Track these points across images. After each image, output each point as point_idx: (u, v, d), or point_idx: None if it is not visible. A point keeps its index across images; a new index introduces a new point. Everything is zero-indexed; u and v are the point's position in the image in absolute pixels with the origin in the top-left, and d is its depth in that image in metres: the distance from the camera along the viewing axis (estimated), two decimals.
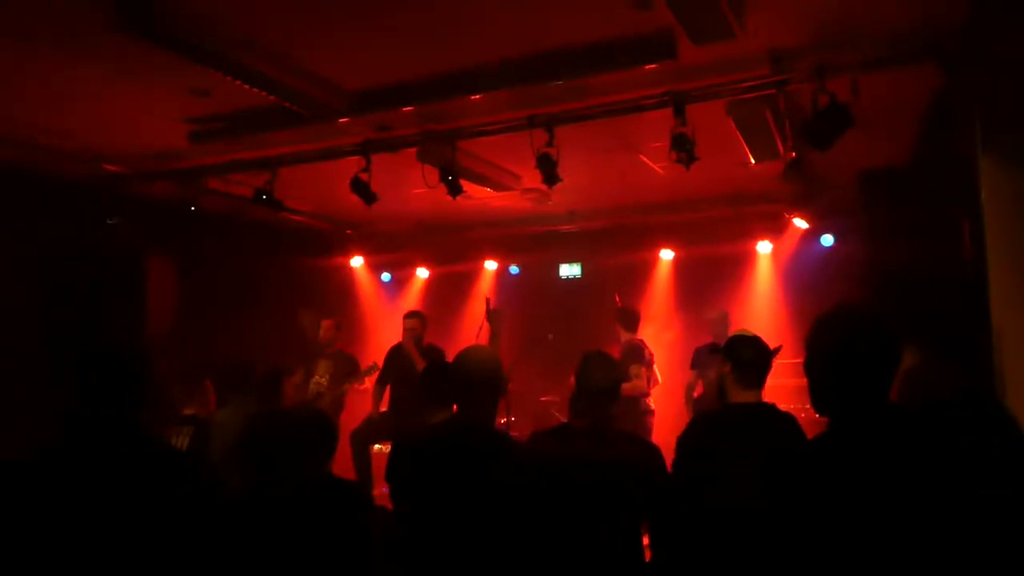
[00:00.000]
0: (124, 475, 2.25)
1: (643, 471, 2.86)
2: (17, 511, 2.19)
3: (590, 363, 3.03)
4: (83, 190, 6.79)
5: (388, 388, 7.31)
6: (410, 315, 7.35)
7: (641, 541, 2.91)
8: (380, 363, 7.45)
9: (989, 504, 1.69)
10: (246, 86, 4.67)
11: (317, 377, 7.44)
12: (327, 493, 3.13)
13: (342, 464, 3.39)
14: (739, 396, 3.10)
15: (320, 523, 3.00)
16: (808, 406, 7.91)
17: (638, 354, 7.11)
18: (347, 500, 3.12)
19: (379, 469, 3.91)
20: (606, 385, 3.00)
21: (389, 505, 3.56)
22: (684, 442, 3.14)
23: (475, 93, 4.99)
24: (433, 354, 6.92)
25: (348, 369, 7.55)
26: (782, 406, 3.19)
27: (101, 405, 2.32)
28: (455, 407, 3.20)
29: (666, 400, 7.71)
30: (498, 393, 3.04)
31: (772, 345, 3.31)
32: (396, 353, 7.38)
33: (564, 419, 3.74)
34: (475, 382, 2.94)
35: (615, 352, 7.29)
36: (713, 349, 6.25)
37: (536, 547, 2.60)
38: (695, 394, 7.28)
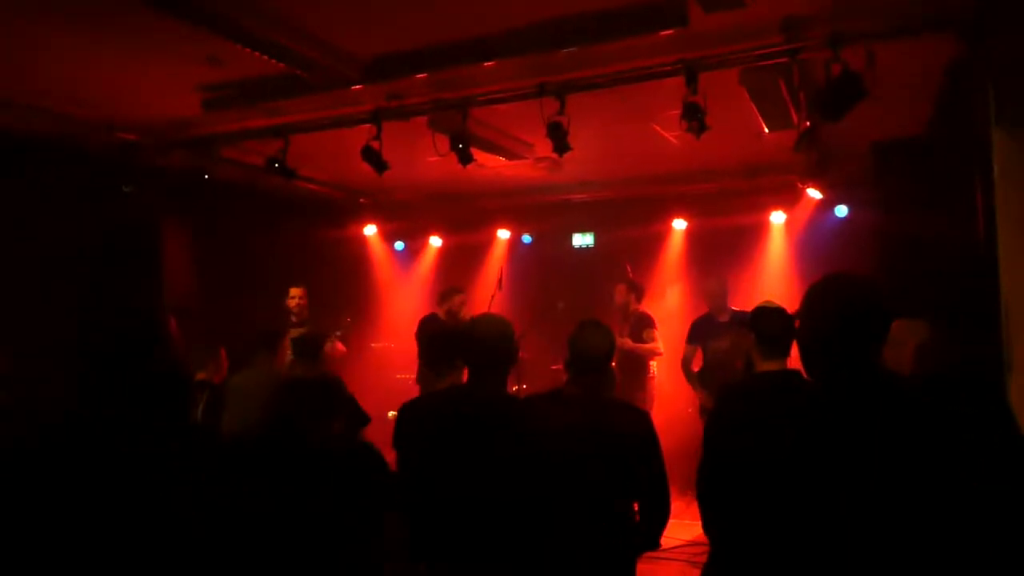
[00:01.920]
0: (141, 443, 2.30)
1: (635, 437, 2.90)
2: (34, 479, 2.26)
3: (586, 330, 3.06)
4: (98, 158, 6.84)
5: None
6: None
7: (632, 507, 2.95)
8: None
9: (971, 471, 1.71)
10: (258, 54, 4.68)
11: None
12: (342, 454, 3.21)
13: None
14: (763, 365, 3.17)
15: (335, 482, 3.08)
16: None
17: (650, 321, 7.39)
18: (360, 460, 3.20)
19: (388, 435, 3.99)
20: (601, 352, 3.03)
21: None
22: (714, 411, 3.20)
23: (487, 60, 4.99)
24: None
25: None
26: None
27: (115, 376, 2.36)
28: (465, 374, 3.24)
29: (669, 369, 7.76)
30: (509, 361, 3.07)
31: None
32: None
33: None
34: (488, 350, 2.98)
35: (623, 322, 7.38)
36: (740, 321, 6.28)
37: (532, 510, 2.66)
38: (694, 367, 7.06)
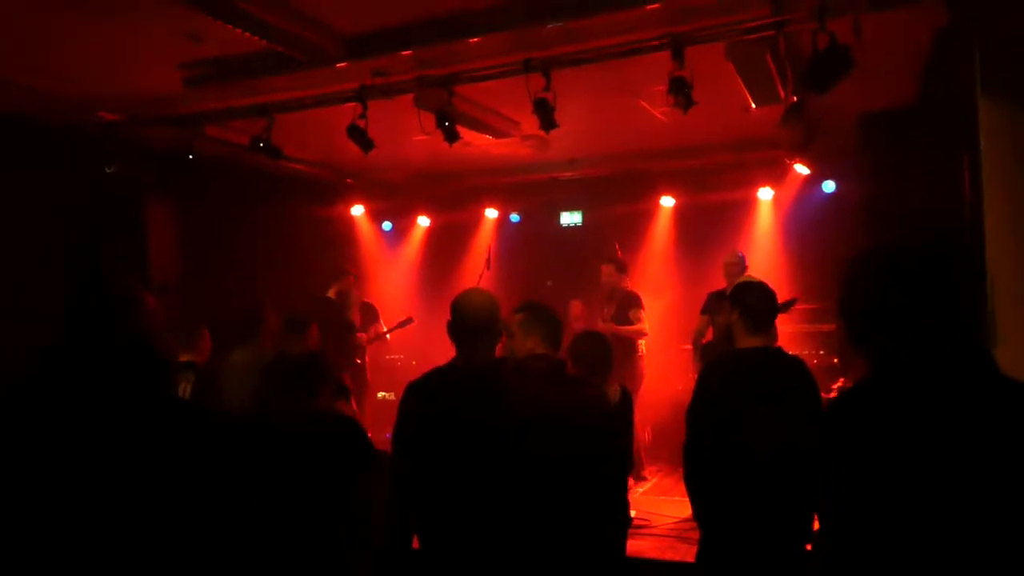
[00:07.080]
0: (131, 428, 2.29)
1: (608, 412, 2.90)
2: (22, 455, 2.24)
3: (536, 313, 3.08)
4: (80, 137, 6.75)
5: None
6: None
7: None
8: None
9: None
10: (239, 31, 4.62)
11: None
12: (321, 426, 3.22)
13: None
14: (746, 341, 3.11)
15: (317, 451, 3.09)
16: (820, 352, 7.82)
17: (636, 300, 7.36)
18: (340, 431, 3.21)
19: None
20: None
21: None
22: (699, 388, 3.16)
23: (472, 36, 4.94)
24: None
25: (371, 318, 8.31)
26: (793, 351, 3.22)
27: (102, 356, 2.34)
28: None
29: (659, 347, 7.78)
30: (495, 335, 3.09)
31: (786, 296, 3.32)
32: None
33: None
34: (472, 324, 3.00)
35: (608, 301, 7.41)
36: (721, 295, 6.28)
37: (519, 487, 2.67)
38: (703, 340, 6.96)
